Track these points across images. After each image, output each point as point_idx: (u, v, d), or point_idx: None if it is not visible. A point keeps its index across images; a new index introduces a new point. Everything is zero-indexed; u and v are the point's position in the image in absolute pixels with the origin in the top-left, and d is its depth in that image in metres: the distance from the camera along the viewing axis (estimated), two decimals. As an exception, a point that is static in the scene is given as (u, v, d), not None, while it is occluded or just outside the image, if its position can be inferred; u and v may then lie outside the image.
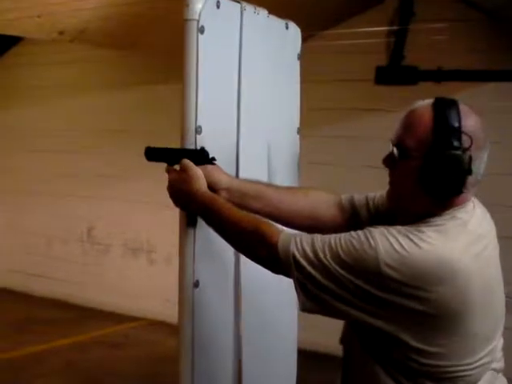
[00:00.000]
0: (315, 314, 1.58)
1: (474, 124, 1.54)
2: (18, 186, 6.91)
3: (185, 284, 1.81)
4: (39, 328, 5.69)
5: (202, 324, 1.84)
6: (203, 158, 1.79)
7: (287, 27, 2.20)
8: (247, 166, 1.98)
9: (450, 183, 1.53)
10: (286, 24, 2.20)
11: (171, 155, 1.83)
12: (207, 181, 1.77)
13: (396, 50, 4.56)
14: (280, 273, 1.62)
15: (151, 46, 4.91)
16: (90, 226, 6.54)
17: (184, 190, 1.76)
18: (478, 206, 1.64)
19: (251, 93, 1.99)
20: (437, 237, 1.50)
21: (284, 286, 1.79)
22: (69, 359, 5.04)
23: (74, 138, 6.52)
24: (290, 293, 1.63)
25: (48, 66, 6.66)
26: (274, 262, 1.59)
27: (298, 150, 2.27)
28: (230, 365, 1.98)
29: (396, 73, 4.56)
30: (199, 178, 1.75)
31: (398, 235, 1.50)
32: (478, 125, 1.55)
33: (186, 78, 1.78)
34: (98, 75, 6.46)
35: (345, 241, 1.52)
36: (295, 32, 2.25)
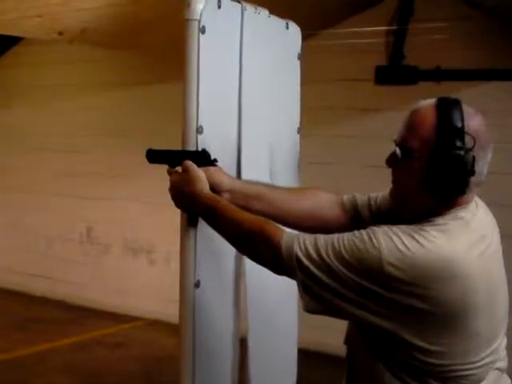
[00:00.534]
0: (319, 314, 1.58)
1: (478, 124, 1.55)
2: (18, 185, 6.91)
3: (186, 284, 1.81)
4: (39, 328, 5.69)
5: (203, 324, 1.84)
6: (205, 159, 1.78)
7: (287, 27, 2.20)
8: (248, 165, 1.98)
9: (453, 183, 1.53)
10: (287, 24, 2.20)
11: (173, 157, 1.82)
12: (209, 182, 1.76)
13: (396, 50, 4.57)
14: (283, 273, 1.62)
15: (151, 46, 4.91)
16: (89, 226, 6.53)
17: (186, 192, 1.75)
18: (480, 205, 1.64)
19: (252, 92, 2.00)
20: (440, 236, 1.50)
21: (286, 286, 1.79)
22: (69, 359, 5.03)
23: (74, 138, 6.52)
24: (292, 292, 1.63)
25: (48, 65, 6.65)
26: (278, 262, 1.59)
27: (299, 150, 2.27)
28: (230, 365, 1.98)
29: (396, 73, 4.57)
30: (201, 180, 1.74)
31: (402, 234, 1.50)
32: (481, 125, 1.55)
33: (187, 77, 1.78)
34: (98, 75, 6.45)
35: (348, 240, 1.52)
36: (295, 32, 2.24)
